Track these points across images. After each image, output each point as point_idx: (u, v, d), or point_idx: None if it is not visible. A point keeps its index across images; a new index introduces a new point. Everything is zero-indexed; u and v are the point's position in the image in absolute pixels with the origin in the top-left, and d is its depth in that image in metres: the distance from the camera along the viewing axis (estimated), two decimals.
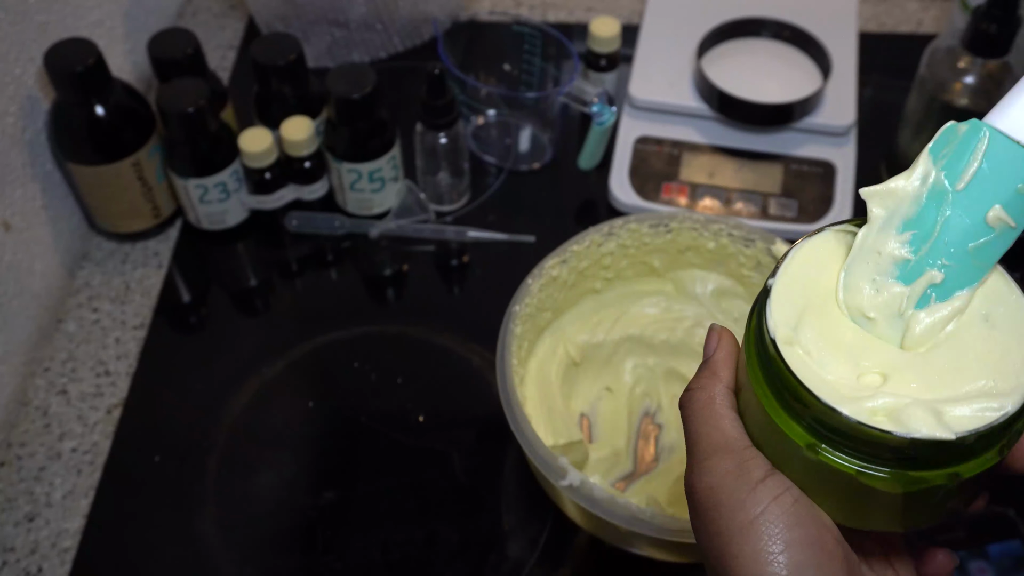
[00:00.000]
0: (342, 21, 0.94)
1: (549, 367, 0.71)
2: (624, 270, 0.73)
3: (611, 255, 0.71)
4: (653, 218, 0.70)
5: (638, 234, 0.70)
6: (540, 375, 0.71)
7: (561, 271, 0.69)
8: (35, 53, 0.76)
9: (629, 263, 0.73)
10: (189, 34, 0.82)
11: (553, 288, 0.69)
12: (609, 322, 0.74)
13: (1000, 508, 0.66)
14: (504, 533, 0.68)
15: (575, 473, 0.57)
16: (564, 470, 0.57)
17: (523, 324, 0.66)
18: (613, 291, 0.75)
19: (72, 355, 0.78)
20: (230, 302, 0.83)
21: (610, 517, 0.56)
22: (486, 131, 0.92)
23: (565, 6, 1.05)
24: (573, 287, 0.72)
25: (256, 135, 0.79)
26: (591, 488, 0.57)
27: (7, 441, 0.74)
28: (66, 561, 0.67)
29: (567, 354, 0.72)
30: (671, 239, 0.71)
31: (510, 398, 0.61)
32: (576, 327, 0.73)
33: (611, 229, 0.69)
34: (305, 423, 0.75)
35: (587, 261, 0.70)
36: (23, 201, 0.77)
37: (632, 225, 0.70)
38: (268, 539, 0.69)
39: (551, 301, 0.70)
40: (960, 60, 0.77)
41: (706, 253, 0.72)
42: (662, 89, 0.86)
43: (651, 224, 0.70)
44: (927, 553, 0.43)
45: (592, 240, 0.69)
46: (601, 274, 0.73)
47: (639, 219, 0.70)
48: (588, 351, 0.73)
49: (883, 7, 1.03)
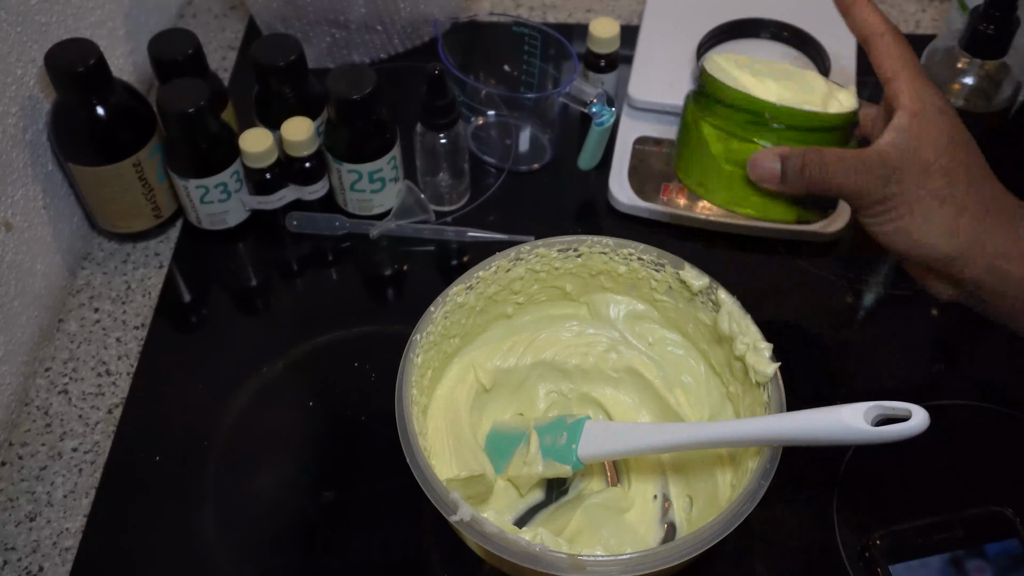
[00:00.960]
0: (342, 22, 0.94)
1: (458, 394, 0.69)
2: (536, 295, 0.72)
3: (521, 280, 0.70)
4: (562, 243, 0.69)
5: (547, 259, 0.69)
6: (448, 403, 0.69)
7: (467, 297, 0.67)
8: (36, 53, 0.77)
9: (540, 287, 0.72)
10: (190, 34, 0.82)
11: (460, 314, 0.68)
12: (521, 347, 0.72)
13: (998, 507, 0.66)
14: None
15: (465, 508, 0.56)
16: (456, 505, 0.56)
17: (427, 352, 0.65)
18: (526, 315, 0.73)
19: (73, 355, 0.79)
20: (230, 302, 0.84)
21: (501, 552, 0.55)
22: (486, 132, 0.92)
23: (565, 7, 1.05)
24: (483, 312, 0.70)
25: (256, 135, 0.80)
26: (481, 523, 0.56)
27: (8, 440, 0.74)
28: (67, 560, 0.68)
29: (477, 380, 0.70)
30: (582, 263, 0.70)
31: (407, 429, 0.60)
32: (487, 352, 0.72)
33: (518, 254, 0.68)
34: (305, 423, 0.75)
35: (495, 286, 0.69)
36: (24, 201, 0.77)
37: (540, 250, 0.68)
38: (268, 539, 0.69)
39: (458, 327, 0.69)
40: (958, 61, 0.77)
41: (618, 277, 0.71)
42: (661, 90, 0.86)
43: (560, 249, 0.69)
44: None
45: (499, 265, 0.68)
46: (512, 299, 0.71)
47: (547, 244, 0.69)
48: (499, 377, 0.71)
49: (882, 8, 1.02)
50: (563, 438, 0.65)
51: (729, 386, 0.68)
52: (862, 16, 0.62)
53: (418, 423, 0.62)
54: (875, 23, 0.61)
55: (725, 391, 0.69)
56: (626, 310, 0.73)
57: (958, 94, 0.77)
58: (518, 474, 0.66)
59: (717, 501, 0.64)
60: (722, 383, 0.69)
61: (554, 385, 0.73)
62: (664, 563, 0.55)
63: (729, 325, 0.65)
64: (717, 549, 0.57)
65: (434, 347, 0.66)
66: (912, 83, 0.59)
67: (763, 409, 0.62)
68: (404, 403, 0.61)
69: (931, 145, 0.58)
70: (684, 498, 0.67)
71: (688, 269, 0.67)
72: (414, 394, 0.63)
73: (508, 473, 0.67)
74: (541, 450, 0.66)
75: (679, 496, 0.68)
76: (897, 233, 0.60)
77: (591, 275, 0.71)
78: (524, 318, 0.74)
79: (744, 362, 0.64)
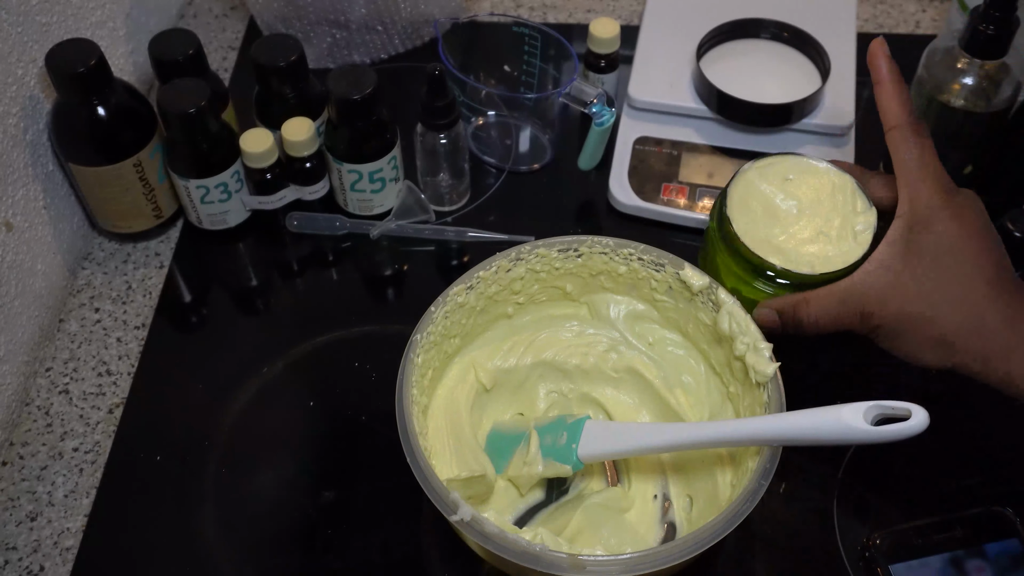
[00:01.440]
0: (343, 22, 0.94)
1: (458, 394, 0.69)
2: (536, 295, 0.72)
3: (521, 280, 0.70)
4: (562, 243, 0.69)
5: (547, 259, 0.69)
6: (448, 403, 0.69)
7: (468, 297, 0.68)
8: (37, 54, 0.77)
9: (541, 287, 0.72)
10: (190, 35, 0.82)
11: (460, 314, 0.68)
12: (522, 347, 0.72)
13: (998, 507, 0.66)
14: None
15: (466, 508, 0.56)
16: (456, 504, 0.56)
17: (427, 352, 0.65)
18: (526, 316, 0.73)
19: (74, 355, 0.79)
20: (231, 302, 0.84)
21: (501, 552, 0.55)
22: (486, 132, 0.92)
23: (565, 7, 1.05)
24: (483, 312, 0.70)
25: (257, 136, 0.80)
26: (482, 523, 0.56)
27: (9, 440, 0.74)
28: (68, 560, 0.68)
29: (477, 380, 0.70)
30: (582, 263, 0.70)
31: (407, 429, 0.60)
32: (487, 352, 0.72)
33: (519, 254, 0.68)
34: (305, 423, 0.75)
35: (496, 286, 0.69)
36: (25, 201, 0.77)
37: (541, 250, 0.69)
38: (268, 539, 0.69)
39: (458, 327, 0.69)
40: (958, 61, 0.77)
41: (618, 277, 0.71)
42: (661, 90, 0.86)
43: (560, 249, 0.69)
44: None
45: (499, 265, 0.68)
46: (512, 299, 0.71)
47: (548, 244, 0.69)
48: (499, 377, 0.71)
49: (881, 8, 1.03)
50: (563, 438, 0.65)
51: (729, 386, 0.68)
52: (882, 102, 0.65)
53: (418, 423, 0.62)
54: (895, 113, 0.64)
55: (725, 391, 0.69)
56: (626, 310, 0.73)
57: (958, 94, 0.77)
58: (518, 474, 0.66)
59: (717, 501, 0.64)
60: (722, 383, 0.69)
61: (554, 385, 0.73)
62: (664, 563, 0.55)
63: (729, 325, 0.65)
64: (717, 549, 0.57)
65: (435, 347, 0.66)
66: (914, 187, 0.63)
67: (763, 409, 0.62)
68: (404, 403, 0.61)
69: (916, 265, 0.61)
70: (684, 498, 0.67)
71: (688, 269, 0.67)
72: (414, 394, 0.63)
73: (508, 473, 0.67)
74: (541, 450, 0.66)
75: (679, 496, 0.68)
76: (892, 349, 0.64)
77: (591, 275, 0.71)
78: (524, 318, 0.74)
79: (744, 362, 0.64)
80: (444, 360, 0.70)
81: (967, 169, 0.81)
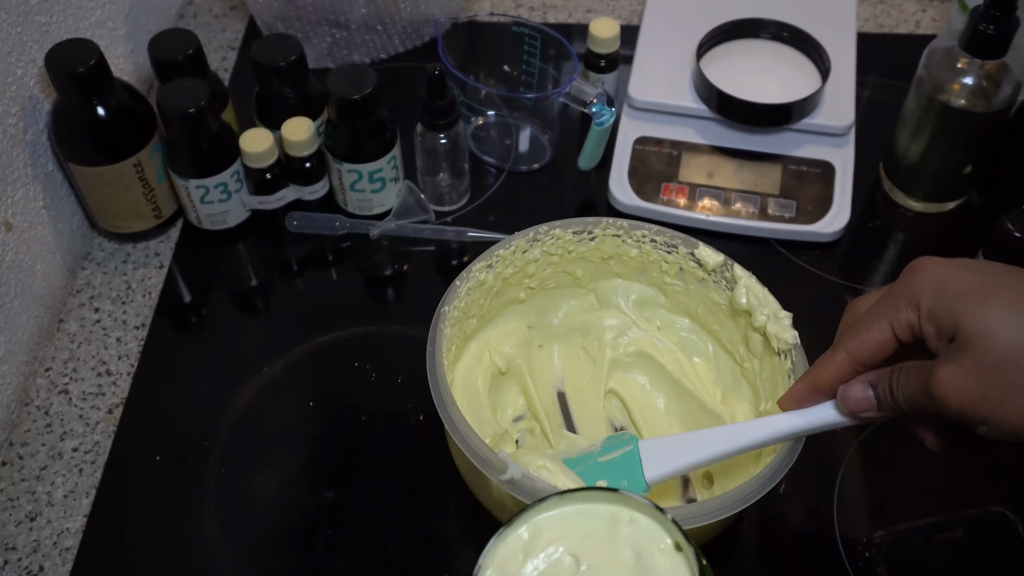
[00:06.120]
0: (343, 22, 0.94)
1: (476, 375, 0.70)
2: (547, 280, 0.73)
3: (535, 262, 0.71)
4: (577, 224, 0.70)
5: (562, 240, 0.70)
6: (467, 383, 0.70)
7: (487, 276, 0.68)
8: (36, 54, 0.77)
9: (552, 272, 0.73)
10: (190, 35, 0.82)
11: (479, 293, 0.69)
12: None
13: (998, 507, 0.66)
14: None
15: (516, 466, 0.55)
16: (504, 464, 0.55)
17: (452, 327, 0.65)
18: (537, 301, 0.74)
19: (73, 355, 0.79)
20: (231, 302, 0.84)
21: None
22: (486, 132, 0.92)
23: (565, 7, 1.05)
24: (498, 294, 0.71)
25: (257, 135, 0.80)
26: (532, 481, 0.55)
27: (8, 440, 0.74)
28: (67, 560, 0.68)
29: (493, 363, 0.71)
30: (595, 246, 0.71)
31: (443, 397, 0.60)
32: (501, 337, 0.73)
33: (536, 235, 0.69)
34: (305, 423, 0.75)
35: (512, 267, 0.70)
36: (24, 201, 0.77)
37: (556, 231, 0.69)
38: (268, 539, 0.69)
39: (477, 307, 0.70)
40: (958, 61, 0.77)
41: (628, 261, 0.72)
42: (661, 90, 0.86)
43: (575, 231, 0.70)
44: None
45: (517, 245, 0.69)
46: (525, 283, 0.72)
47: (563, 225, 0.70)
48: (512, 361, 0.72)
49: (881, 8, 1.03)
50: (621, 469, 0.62)
51: (744, 363, 0.69)
52: (826, 376, 0.56)
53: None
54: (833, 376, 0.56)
55: (739, 369, 0.70)
56: (634, 296, 0.74)
57: (958, 94, 0.77)
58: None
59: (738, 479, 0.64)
60: (734, 361, 0.70)
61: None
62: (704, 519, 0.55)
63: (748, 298, 0.66)
64: (717, 548, 0.57)
65: (456, 324, 0.67)
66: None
67: (786, 378, 0.62)
68: (438, 372, 0.61)
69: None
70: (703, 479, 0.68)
71: (703, 248, 0.68)
72: (445, 364, 0.62)
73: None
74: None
75: (697, 476, 0.68)
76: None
77: (602, 259, 0.72)
78: (535, 304, 0.75)
79: (764, 333, 0.65)
80: (463, 340, 0.70)
81: (967, 169, 0.81)
